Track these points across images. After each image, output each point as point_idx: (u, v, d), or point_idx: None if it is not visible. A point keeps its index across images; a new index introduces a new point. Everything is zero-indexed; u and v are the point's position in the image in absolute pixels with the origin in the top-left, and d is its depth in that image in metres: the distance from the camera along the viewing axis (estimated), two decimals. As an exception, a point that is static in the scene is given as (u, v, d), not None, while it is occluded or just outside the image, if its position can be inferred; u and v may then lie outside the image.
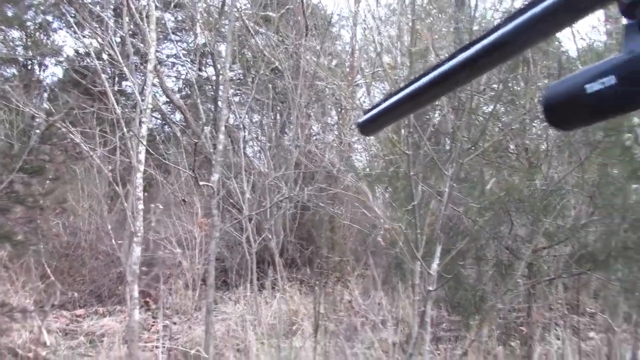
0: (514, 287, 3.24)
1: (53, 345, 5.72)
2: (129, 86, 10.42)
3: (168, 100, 10.16)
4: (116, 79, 11.05)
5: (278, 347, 5.08)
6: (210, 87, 10.05)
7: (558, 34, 4.85)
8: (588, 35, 6.49)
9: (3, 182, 4.69)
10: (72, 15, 7.83)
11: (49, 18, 11.10)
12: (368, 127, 0.84)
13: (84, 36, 8.96)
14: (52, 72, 13.86)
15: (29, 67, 12.13)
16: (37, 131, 5.71)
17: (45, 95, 11.28)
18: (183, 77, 11.50)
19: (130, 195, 6.52)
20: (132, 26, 7.41)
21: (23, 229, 5.30)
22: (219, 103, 8.49)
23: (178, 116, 10.95)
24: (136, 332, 5.43)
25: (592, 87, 0.50)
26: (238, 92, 10.27)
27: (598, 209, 3.85)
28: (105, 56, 9.68)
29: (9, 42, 10.43)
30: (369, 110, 0.80)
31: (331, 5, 20.70)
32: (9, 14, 8.28)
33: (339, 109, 9.33)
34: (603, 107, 0.52)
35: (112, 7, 8.48)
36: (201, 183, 4.30)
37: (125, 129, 5.90)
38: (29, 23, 10.86)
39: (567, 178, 4.14)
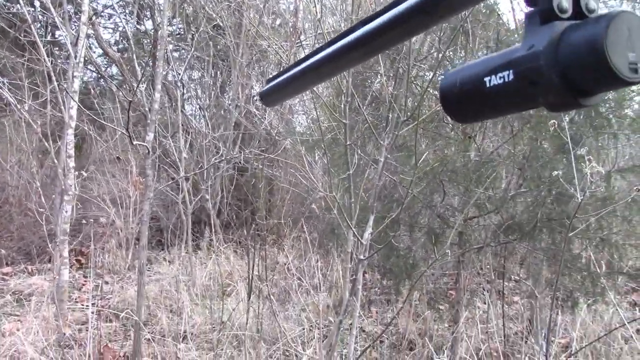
0: (445, 256, 3.32)
1: (-23, 303, 5.56)
2: (63, 36, 9.98)
3: (103, 52, 9.78)
4: (49, 27, 10.54)
5: (213, 308, 5.10)
6: (148, 41, 9.73)
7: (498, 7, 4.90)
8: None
9: None
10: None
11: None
12: (269, 98, 0.79)
13: (13, -19, 8.48)
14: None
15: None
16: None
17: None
18: (121, 29, 11.06)
19: (61, 152, 6.31)
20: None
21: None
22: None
23: (114, 70, 10.59)
24: (65, 292, 5.32)
25: (491, 81, 0.47)
26: (177, 47, 9.99)
27: (527, 181, 3.98)
28: (37, 3, 9.24)
29: None
30: (271, 79, 0.76)
31: (277, -39, 20.20)
32: None
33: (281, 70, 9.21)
34: (502, 103, 0.48)
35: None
36: (135, 142, 4.19)
37: (56, 83, 5.65)
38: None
39: (500, 150, 4.26)
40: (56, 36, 10.67)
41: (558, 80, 0.43)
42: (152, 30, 9.19)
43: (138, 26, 10.22)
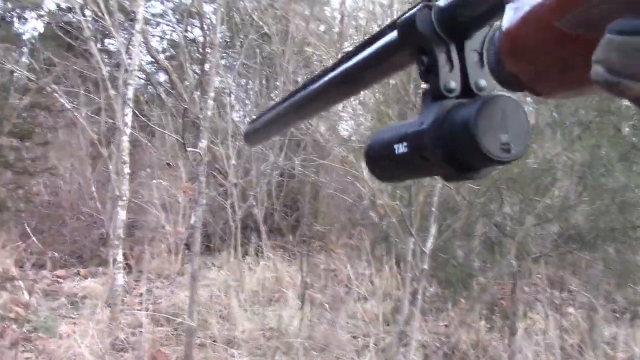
0: (510, 267, 3.26)
1: (34, 305, 5.67)
2: (112, 44, 10.19)
3: (152, 60, 9.96)
4: (98, 36, 10.78)
5: (263, 314, 5.10)
6: (195, 49, 9.87)
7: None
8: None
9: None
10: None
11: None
12: (252, 137, 0.82)
13: (66, -10, 8.69)
14: (32, 27, 13.44)
15: (8, 20, 11.75)
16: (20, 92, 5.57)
17: (26, 50, 10.95)
18: (168, 37, 11.24)
19: (113, 157, 6.43)
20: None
21: (11, 194, 5.20)
22: (206, 67, 8.36)
23: (162, 77, 10.76)
24: (119, 296, 5.41)
25: (398, 149, 0.49)
26: (224, 55, 10.10)
27: (587, 189, 3.87)
28: (88, 12, 9.46)
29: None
30: (254, 120, 0.78)
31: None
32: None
33: (327, 76, 9.21)
34: (406, 170, 0.51)
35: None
36: (189, 149, 4.24)
37: (111, 90, 5.77)
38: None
39: (558, 157, 4.15)
40: (105, 44, 10.90)
41: (442, 157, 0.45)
42: (200, 37, 9.31)
43: (185, 34, 10.37)
